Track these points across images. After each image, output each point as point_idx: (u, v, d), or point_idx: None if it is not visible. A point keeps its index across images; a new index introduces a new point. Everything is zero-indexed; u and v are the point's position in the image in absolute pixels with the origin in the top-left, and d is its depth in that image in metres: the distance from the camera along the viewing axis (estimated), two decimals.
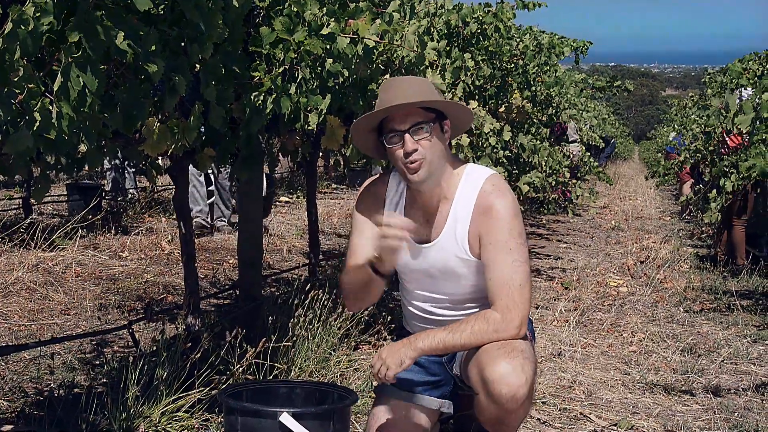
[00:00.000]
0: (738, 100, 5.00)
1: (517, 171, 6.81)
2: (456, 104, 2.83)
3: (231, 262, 6.63)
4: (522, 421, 2.76)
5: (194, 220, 7.78)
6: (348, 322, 4.18)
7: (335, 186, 13.67)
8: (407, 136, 2.65)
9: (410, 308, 2.95)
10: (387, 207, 2.85)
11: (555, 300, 6.15)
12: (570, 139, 11.01)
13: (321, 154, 5.83)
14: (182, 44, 2.62)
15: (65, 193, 8.74)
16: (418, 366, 2.84)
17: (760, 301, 6.31)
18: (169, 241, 7.09)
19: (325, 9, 3.29)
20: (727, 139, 7.29)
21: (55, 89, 2.14)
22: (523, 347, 2.65)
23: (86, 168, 2.79)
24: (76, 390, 3.63)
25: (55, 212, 8.79)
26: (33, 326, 4.71)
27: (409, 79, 2.85)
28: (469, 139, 4.70)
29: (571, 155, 10.11)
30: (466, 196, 2.74)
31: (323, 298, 4.05)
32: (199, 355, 3.33)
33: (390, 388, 2.88)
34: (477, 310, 2.82)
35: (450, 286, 2.82)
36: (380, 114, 2.68)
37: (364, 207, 2.90)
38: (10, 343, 4.30)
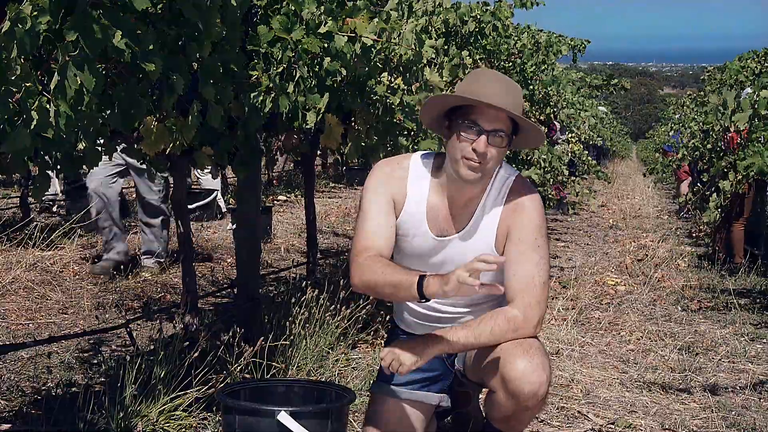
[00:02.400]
0: (735, 99, 5.00)
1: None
2: (539, 132, 2.76)
3: (229, 261, 6.63)
4: (534, 418, 2.77)
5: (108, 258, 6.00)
6: (346, 321, 4.18)
7: (333, 185, 13.67)
8: (485, 136, 2.59)
9: (410, 304, 2.91)
10: (410, 193, 2.76)
11: (553, 299, 6.15)
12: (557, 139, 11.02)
13: (319, 152, 5.84)
14: (180, 43, 2.62)
15: (62, 190, 8.72)
16: None
17: (758, 300, 6.32)
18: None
19: (322, 8, 3.29)
20: (727, 136, 7.29)
21: (53, 88, 2.14)
22: (538, 344, 2.67)
23: (84, 167, 2.78)
24: (73, 389, 3.62)
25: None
26: (31, 325, 4.70)
27: (509, 80, 2.74)
28: None
29: (568, 153, 10.12)
30: (495, 194, 2.73)
31: (321, 296, 4.05)
32: (196, 354, 3.32)
33: (388, 386, 2.88)
34: (484, 308, 2.81)
35: None
36: (475, 102, 2.59)
37: (384, 184, 2.77)
38: (8, 342, 4.30)
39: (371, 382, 3.31)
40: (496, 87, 2.61)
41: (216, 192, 8.91)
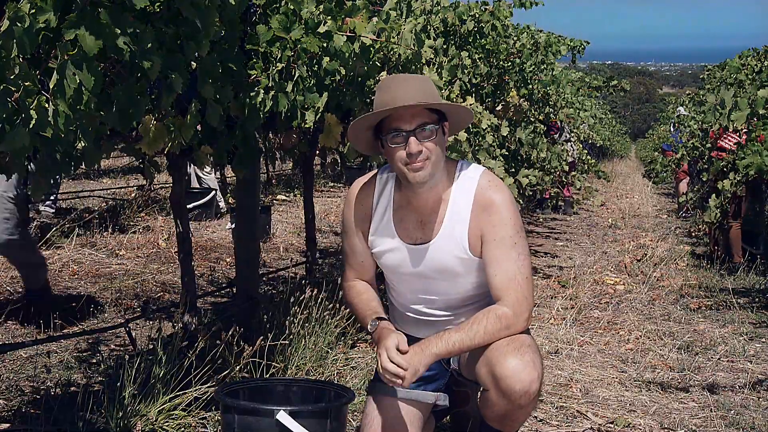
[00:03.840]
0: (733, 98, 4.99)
1: (515, 167, 6.80)
2: (461, 107, 2.79)
3: (228, 260, 6.63)
4: (528, 416, 2.77)
5: None
6: (345, 321, 4.18)
7: (332, 184, 13.66)
8: (412, 137, 2.61)
9: (401, 310, 2.94)
10: (376, 213, 2.81)
11: (552, 298, 6.16)
12: (563, 139, 11.01)
13: (318, 151, 5.83)
14: (179, 42, 2.62)
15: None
16: None
17: (757, 299, 6.32)
18: (165, 239, 7.08)
19: (321, 7, 3.29)
20: (724, 137, 7.28)
21: (52, 87, 2.14)
22: (529, 342, 2.68)
23: (83, 166, 2.78)
24: (72, 388, 3.62)
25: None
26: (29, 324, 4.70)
27: (412, 77, 2.79)
28: (466, 135, 4.70)
29: (570, 153, 10.10)
30: (462, 194, 2.72)
31: (320, 296, 4.05)
32: (196, 353, 3.33)
33: (384, 385, 2.88)
34: (471, 308, 2.81)
35: (445, 286, 2.81)
36: (385, 113, 2.63)
37: (352, 217, 2.87)
38: (7, 342, 4.30)
39: (369, 381, 3.32)
40: (402, 87, 2.64)
41: (215, 191, 8.92)
